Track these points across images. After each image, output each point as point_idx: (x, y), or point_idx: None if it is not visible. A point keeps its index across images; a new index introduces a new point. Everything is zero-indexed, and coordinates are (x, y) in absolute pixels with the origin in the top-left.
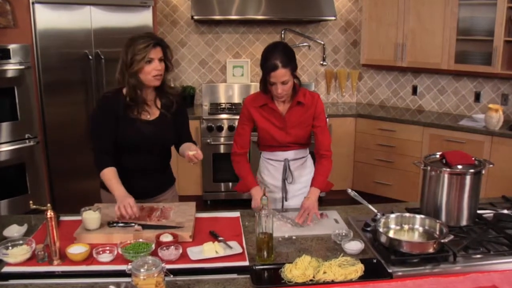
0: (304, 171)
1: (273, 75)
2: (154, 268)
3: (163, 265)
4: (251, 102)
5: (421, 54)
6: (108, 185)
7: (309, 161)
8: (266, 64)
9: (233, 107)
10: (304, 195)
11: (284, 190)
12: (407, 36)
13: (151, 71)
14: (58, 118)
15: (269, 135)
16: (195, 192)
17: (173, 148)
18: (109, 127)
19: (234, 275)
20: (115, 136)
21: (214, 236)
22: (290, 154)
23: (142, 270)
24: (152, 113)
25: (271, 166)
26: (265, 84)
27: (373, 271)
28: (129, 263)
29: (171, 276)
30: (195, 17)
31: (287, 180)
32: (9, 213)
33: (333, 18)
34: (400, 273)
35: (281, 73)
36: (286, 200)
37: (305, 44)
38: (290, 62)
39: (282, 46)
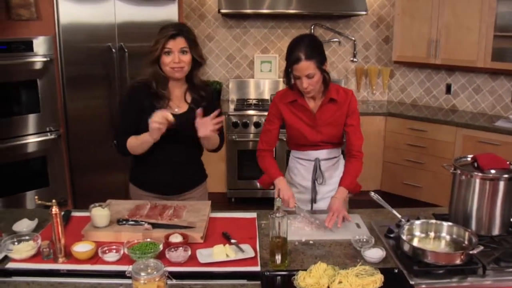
0: (335, 172)
1: (296, 68)
2: (155, 272)
3: (165, 268)
4: (280, 98)
5: (455, 51)
6: (137, 143)
7: (341, 161)
8: (290, 57)
9: (260, 103)
10: None
11: (314, 191)
12: (441, 32)
13: (169, 63)
14: (80, 112)
15: (299, 133)
16: (220, 189)
17: None
18: (132, 118)
19: (244, 281)
20: (140, 127)
21: (226, 238)
22: (321, 153)
23: (142, 273)
24: (180, 107)
25: (301, 166)
26: (289, 77)
27: (393, 282)
28: (129, 266)
29: (173, 280)
30: (222, 11)
31: (317, 180)
32: (31, 206)
33: (364, 13)
34: (423, 286)
35: (304, 66)
36: (315, 202)
37: (335, 39)
38: (315, 54)
39: (308, 38)
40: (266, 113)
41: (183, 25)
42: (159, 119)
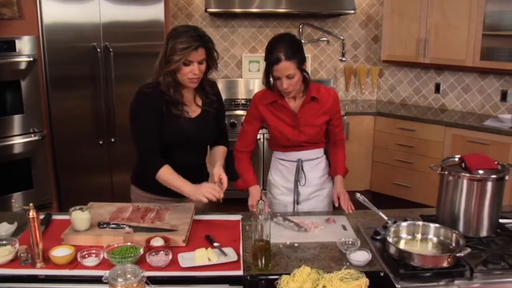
0: (317, 173)
1: (276, 69)
2: (133, 278)
3: (144, 273)
4: (260, 99)
5: (445, 50)
6: (169, 182)
7: (324, 162)
8: (269, 57)
9: (248, 103)
10: (317, 199)
11: (296, 192)
12: (430, 31)
13: (187, 74)
14: (65, 112)
15: (281, 134)
16: None
17: None
18: (154, 125)
19: (226, 286)
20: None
21: (209, 241)
22: (303, 154)
23: (119, 279)
24: (193, 111)
25: (283, 167)
26: (268, 78)
27: (379, 286)
28: (106, 271)
29: (152, 286)
30: (210, 10)
31: (299, 182)
32: (14, 208)
33: (353, 11)
34: None
35: (285, 66)
36: (298, 204)
37: (324, 39)
38: (295, 54)
39: (287, 37)
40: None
41: (202, 33)
42: (214, 196)
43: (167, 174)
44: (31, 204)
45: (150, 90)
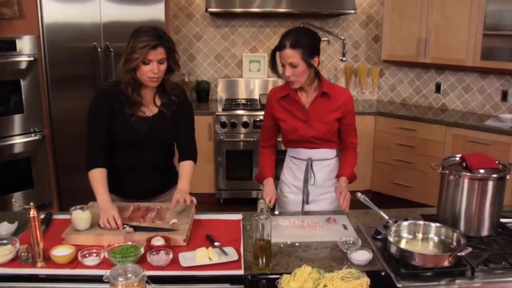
0: (326, 175)
1: (280, 55)
2: (134, 277)
3: (145, 273)
4: (274, 93)
5: (445, 50)
6: (93, 187)
7: (334, 166)
8: (278, 43)
9: (249, 103)
10: (327, 201)
11: (305, 192)
12: (430, 31)
13: (147, 73)
14: (65, 112)
15: (291, 128)
16: (208, 190)
17: None
18: (103, 121)
19: (227, 285)
20: (109, 132)
21: (210, 241)
22: (314, 153)
23: (120, 279)
24: (150, 110)
25: (294, 165)
26: (274, 61)
27: (380, 285)
28: (107, 271)
29: (153, 285)
30: (210, 10)
31: (308, 181)
32: (14, 208)
33: (353, 11)
34: None
35: (288, 54)
36: (307, 203)
37: (324, 38)
38: (302, 45)
39: (301, 29)
40: (254, 113)
41: (162, 33)
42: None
43: (96, 176)
44: (31, 203)
45: (108, 87)
